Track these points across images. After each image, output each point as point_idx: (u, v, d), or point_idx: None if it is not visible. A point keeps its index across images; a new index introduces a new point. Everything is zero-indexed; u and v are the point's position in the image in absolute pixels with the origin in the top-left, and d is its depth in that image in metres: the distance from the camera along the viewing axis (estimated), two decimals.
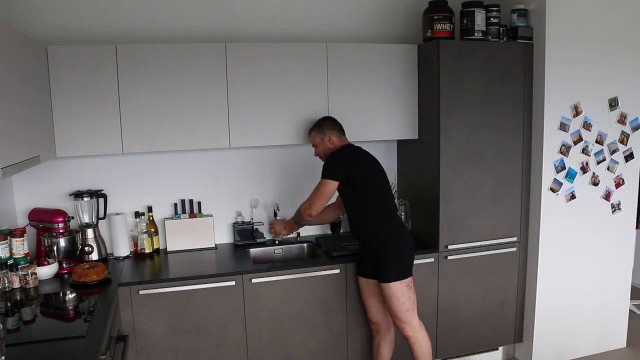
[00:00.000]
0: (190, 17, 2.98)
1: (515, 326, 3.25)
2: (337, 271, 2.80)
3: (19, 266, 2.45)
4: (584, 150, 3.11)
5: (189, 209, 3.10)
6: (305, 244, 3.21)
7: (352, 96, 2.95)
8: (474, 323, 3.13)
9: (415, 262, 2.89)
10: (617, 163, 3.20)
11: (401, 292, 2.57)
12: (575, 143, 3.08)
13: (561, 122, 3.02)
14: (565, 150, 3.06)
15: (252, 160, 3.20)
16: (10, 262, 2.43)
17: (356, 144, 2.75)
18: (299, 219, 2.78)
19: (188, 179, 3.11)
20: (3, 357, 1.64)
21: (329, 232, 3.36)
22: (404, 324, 2.62)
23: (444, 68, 2.85)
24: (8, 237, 2.51)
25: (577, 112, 3.05)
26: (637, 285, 4.29)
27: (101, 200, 2.90)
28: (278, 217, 3.17)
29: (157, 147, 2.73)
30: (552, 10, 2.90)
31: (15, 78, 2.06)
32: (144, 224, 2.97)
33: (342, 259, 2.82)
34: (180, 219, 3.05)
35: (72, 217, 2.84)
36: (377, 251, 2.62)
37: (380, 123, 3.02)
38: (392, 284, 2.56)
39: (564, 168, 3.07)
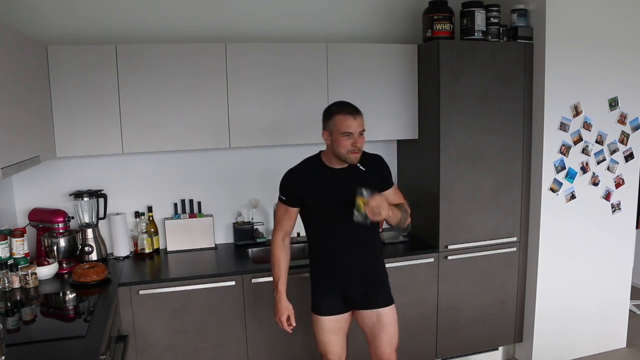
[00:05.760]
0: (190, 17, 2.98)
1: (515, 326, 3.25)
2: None
3: (19, 266, 2.45)
4: (584, 150, 3.11)
5: (189, 209, 3.10)
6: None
7: (352, 96, 2.92)
8: (474, 323, 3.13)
9: (415, 262, 2.90)
10: (617, 163, 3.20)
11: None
12: (575, 143, 3.08)
13: (561, 122, 3.02)
14: (565, 150, 3.06)
15: (252, 160, 3.19)
16: (10, 262, 2.43)
17: None
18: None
19: (188, 179, 3.11)
20: (3, 357, 1.64)
21: None
22: (396, 353, 2.38)
23: (444, 68, 2.85)
24: (8, 237, 2.51)
25: (577, 112, 3.05)
26: (637, 285, 4.28)
27: (101, 200, 2.90)
28: None
29: (157, 147, 2.73)
30: (552, 10, 2.90)
31: (15, 78, 2.06)
32: (144, 224, 2.97)
33: None
34: (180, 219, 3.05)
35: (72, 217, 2.83)
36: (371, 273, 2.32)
37: (380, 123, 3.01)
38: (394, 305, 2.35)
39: (564, 168, 3.07)
